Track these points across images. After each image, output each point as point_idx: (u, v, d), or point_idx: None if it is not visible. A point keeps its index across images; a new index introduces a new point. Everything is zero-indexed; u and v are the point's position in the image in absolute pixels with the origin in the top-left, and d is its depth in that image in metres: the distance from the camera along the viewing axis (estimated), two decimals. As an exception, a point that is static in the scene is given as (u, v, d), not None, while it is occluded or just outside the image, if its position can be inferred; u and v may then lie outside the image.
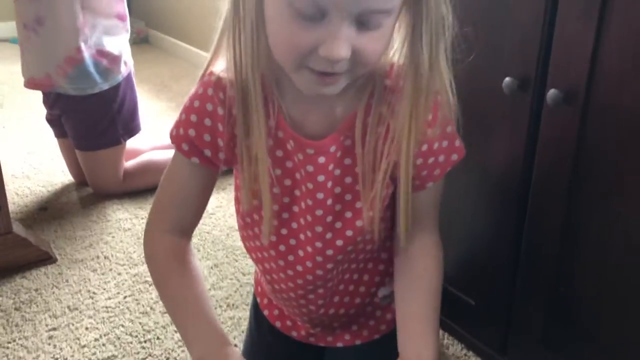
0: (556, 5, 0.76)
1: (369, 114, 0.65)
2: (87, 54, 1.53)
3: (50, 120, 1.69)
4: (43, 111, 1.71)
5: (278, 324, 0.86)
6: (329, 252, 0.73)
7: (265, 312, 0.87)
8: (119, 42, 1.60)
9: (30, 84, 1.59)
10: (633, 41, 0.69)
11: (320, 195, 0.69)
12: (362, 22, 0.54)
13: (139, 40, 3.21)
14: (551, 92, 0.77)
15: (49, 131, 1.76)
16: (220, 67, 0.68)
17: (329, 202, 0.70)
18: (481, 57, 0.85)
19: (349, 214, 0.71)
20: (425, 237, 0.75)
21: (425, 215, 0.74)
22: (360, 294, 0.80)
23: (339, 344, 0.85)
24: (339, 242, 0.72)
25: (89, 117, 1.59)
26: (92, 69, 1.54)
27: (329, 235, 0.72)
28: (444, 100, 0.64)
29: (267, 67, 0.62)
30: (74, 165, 1.71)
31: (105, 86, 1.57)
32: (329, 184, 0.69)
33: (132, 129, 1.66)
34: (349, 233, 0.72)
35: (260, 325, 0.88)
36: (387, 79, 0.65)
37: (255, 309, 0.90)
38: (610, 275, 0.80)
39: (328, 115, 0.67)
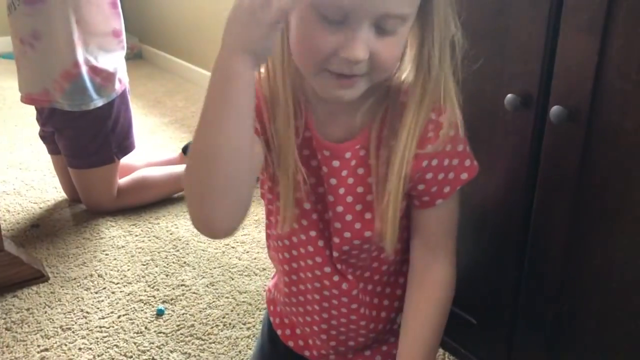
0: (559, 19, 0.75)
1: (384, 127, 0.68)
2: (83, 69, 1.52)
3: (44, 137, 1.68)
4: (36, 126, 1.69)
5: (291, 344, 0.86)
6: (335, 254, 0.75)
7: (279, 332, 0.87)
8: (113, 59, 1.59)
9: (28, 99, 1.58)
10: (637, 58, 0.69)
11: (331, 198, 0.71)
12: (380, 27, 0.58)
13: (132, 56, 3.21)
14: (554, 109, 0.77)
15: (41, 147, 1.74)
16: None
17: (339, 209, 0.71)
18: (483, 73, 0.85)
19: (358, 225, 0.72)
20: (438, 270, 0.76)
21: (437, 239, 0.75)
22: (381, 320, 0.81)
23: None
24: (345, 248, 0.74)
25: (83, 135, 1.57)
26: (88, 83, 1.53)
27: (336, 240, 0.74)
28: (452, 117, 0.66)
29: (296, 72, 0.65)
30: (67, 182, 1.69)
31: (100, 102, 1.55)
32: (341, 191, 0.71)
33: (126, 147, 1.64)
34: (356, 242, 0.73)
35: (275, 343, 0.88)
36: (404, 96, 0.67)
37: (270, 327, 0.89)
38: (614, 295, 0.79)
39: (347, 124, 0.69)
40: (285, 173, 0.68)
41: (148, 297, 1.30)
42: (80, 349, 1.15)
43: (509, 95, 0.82)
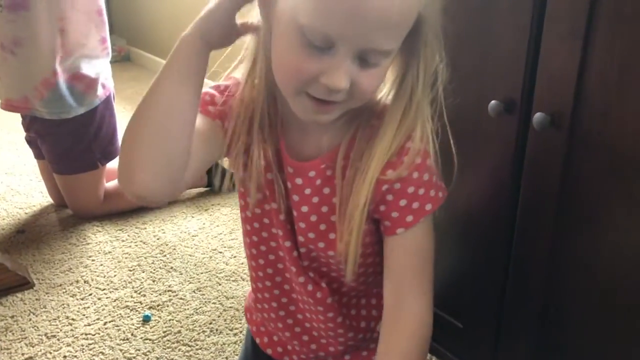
0: (541, 27, 0.76)
1: (352, 148, 0.67)
2: (61, 78, 1.50)
3: (30, 141, 1.66)
4: (21, 131, 1.68)
5: (269, 351, 0.85)
6: (305, 262, 0.75)
7: (257, 340, 0.87)
8: (97, 65, 1.57)
9: (8, 105, 1.56)
10: (617, 65, 0.69)
11: (294, 213, 0.72)
12: (363, 59, 0.58)
13: (120, 59, 3.19)
14: (537, 116, 0.77)
15: (27, 151, 1.73)
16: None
17: (302, 225, 0.71)
18: (467, 80, 0.85)
19: (321, 244, 0.72)
20: (410, 308, 0.70)
21: (406, 273, 0.70)
22: (360, 329, 0.81)
23: None
24: (313, 254, 0.74)
25: (65, 141, 1.56)
26: (66, 92, 1.51)
27: (302, 250, 0.74)
28: (420, 145, 0.65)
29: (275, 87, 0.65)
30: (53, 187, 1.68)
31: (81, 110, 1.54)
32: (304, 209, 0.71)
33: (110, 152, 1.63)
34: (322, 254, 0.73)
35: (257, 350, 0.88)
36: (376, 118, 0.67)
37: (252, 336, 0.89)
38: (599, 298, 0.80)
39: (316, 143, 0.69)
40: (253, 182, 0.69)
41: (134, 303, 1.29)
42: (65, 356, 1.14)
43: (493, 102, 0.82)
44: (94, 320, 1.23)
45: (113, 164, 1.69)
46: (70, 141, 1.55)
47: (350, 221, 0.66)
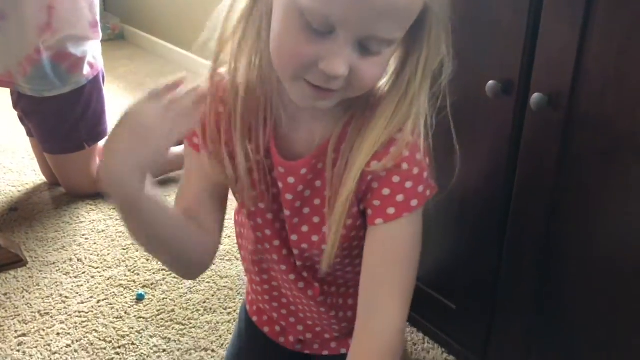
0: (540, 7, 0.75)
1: (343, 140, 0.65)
2: (45, 55, 1.47)
3: (21, 118, 1.64)
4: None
5: (266, 329, 0.85)
6: (299, 262, 0.75)
7: (255, 319, 0.87)
8: (85, 45, 1.54)
9: None
10: (616, 46, 0.69)
11: (287, 212, 0.71)
12: (364, 46, 0.56)
13: (114, 37, 3.15)
14: (535, 96, 0.77)
15: (20, 129, 1.71)
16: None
17: (295, 220, 0.71)
18: (465, 60, 0.84)
19: (315, 237, 0.71)
20: (381, 308, 0.66)
21: (379, 270, 0.66)
22: (355, 319, 0.80)
23: (325, 352, 0.85)
24: (307, 255, 0.74)
25: (49, 120, 1.53)
26: (49, 71, 1.48)
27: (295, 251, 0.74)
28: (409, 138, 0.63)
29: (269, 81, 0.64)
30: (46, 165, 1.66)
31: (66, 89, 1.51)
32: (297, 204, 0.70)
33: (97, 133, 1.59)
34: (315, 252, 0.73)
35: (252, 329, 0.88)
36: (370, 109, 0.65)
37: (247, 316, 0.89)
38: (593, 281, 0.80)
39: (309, 136, 0.67)
40: (241, 182, 0.68)
41: (128, 281, 1.29)
42: (58, 334, 1.14)
43: (490, 82, 0.81)
44: (88, 298, 1.23)
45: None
46: (54, 120, 1.53)
47: (337, 212, 0.64)
